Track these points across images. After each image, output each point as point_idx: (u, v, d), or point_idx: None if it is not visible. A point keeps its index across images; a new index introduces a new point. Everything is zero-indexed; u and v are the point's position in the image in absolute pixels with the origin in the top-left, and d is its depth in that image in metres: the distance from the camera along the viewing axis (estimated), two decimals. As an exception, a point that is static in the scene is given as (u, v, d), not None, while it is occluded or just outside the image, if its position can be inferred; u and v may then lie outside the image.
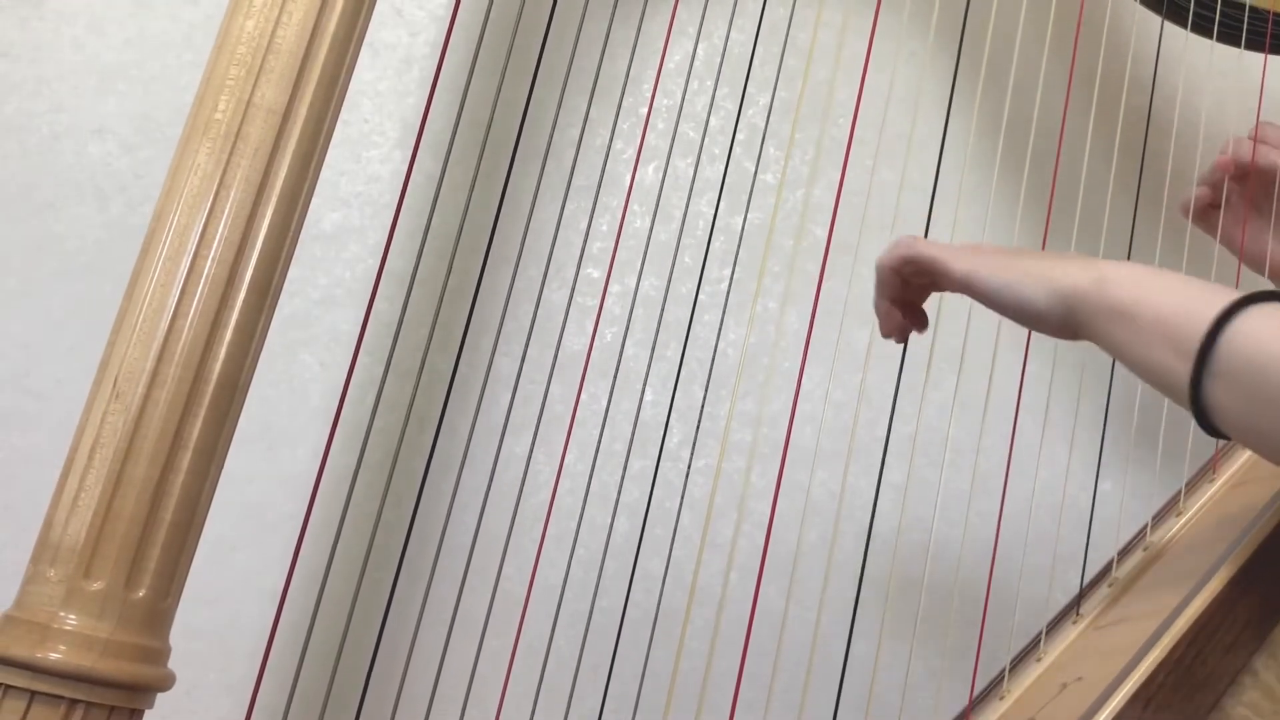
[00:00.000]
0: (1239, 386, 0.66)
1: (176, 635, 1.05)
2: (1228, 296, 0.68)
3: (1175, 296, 0.70)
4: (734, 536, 1.19)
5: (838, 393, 1.24)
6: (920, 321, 0.93)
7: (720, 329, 1.24)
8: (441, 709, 1.01)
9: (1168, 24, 1.15)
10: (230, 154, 0.70)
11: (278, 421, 1.17)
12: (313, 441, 1.16)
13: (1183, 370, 0.68)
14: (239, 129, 0.70)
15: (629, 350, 1.21)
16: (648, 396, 1.21)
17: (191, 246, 0.70)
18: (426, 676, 1.05)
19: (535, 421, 1.16)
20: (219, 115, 0.71)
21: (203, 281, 0.70)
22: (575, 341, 1.20)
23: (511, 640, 1.09)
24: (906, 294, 0.90)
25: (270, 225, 0.72)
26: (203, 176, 0.70)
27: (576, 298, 1.22)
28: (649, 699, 1.11)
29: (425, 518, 1.12)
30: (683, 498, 1.19)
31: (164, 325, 0.70)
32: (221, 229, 0.70)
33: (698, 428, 1.21)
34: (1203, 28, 1.12)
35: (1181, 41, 1.15)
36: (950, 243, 0.85)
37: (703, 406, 1.21)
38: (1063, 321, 0.77)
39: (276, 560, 1.13)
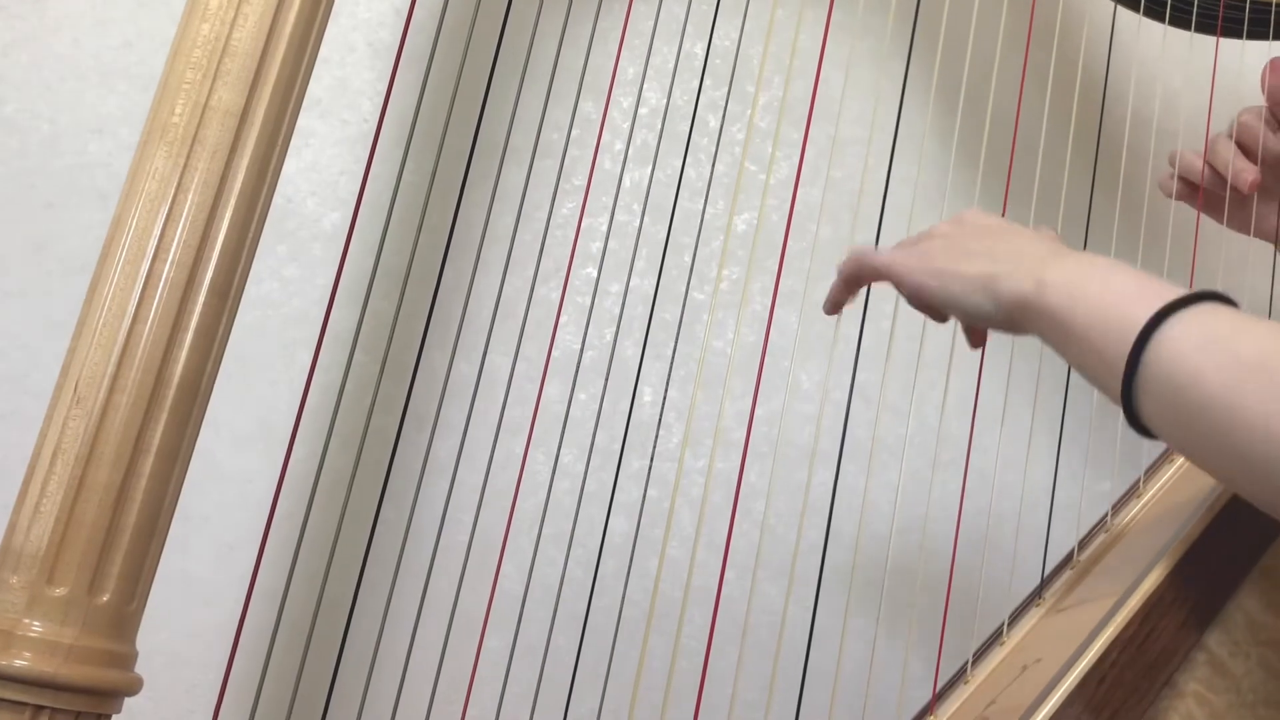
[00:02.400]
0: (1163, 402, 0.64)
1: (175, 635, 1.06)
2: (1156, 302, 0.65)
3: (1106, 306, 0.68)
4: (729, 536, 1.18)
5: (834, 392, 1.23)
6: (976, 338, 0.91)
7: (717, 328, 1.23)
8: (439, 708, 1.01)
9: (1121, 9, 1.15)
10: (187, 157, 0.70)
11: (277, 422, 1.17)
12: (313, 441, 1.16)
13: (1114, 383, 0.66)
14: (196, 132, 0.70)
15: (625, 349, 1.20)
16: (644, 396, 1.20)
17: (150, 250, 0.69)
18: (423, 676, 1.04)
19: (531, 421, 1.15)
20: (175, 119, 0.70)
21: (162, 285, 0.70)
22: (571, 341, 1.20)
23: (509, 640, 1.08)
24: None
25: (229, 227, 0.71)
26: (160, 180, 0.70)
27: (574, 297, 1.21)
28: (647, 698, 1.10)
29: (422, 517, 1.12)
30: (671, 496, 1.18)
31: (124, 329, 0.70)
32: (180, 232, 0.70)
33: (687, 427, 1.20)
34: (1155, 12, 1.12)
35: (1135, 26, 1.14)
36: (908, 240, 0.84)
37: (698, 406, 1.21)
38: (1007, 325, 0.76)
39: (276, 560, 1.13)
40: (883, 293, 0.92)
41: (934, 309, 0.81)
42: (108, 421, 0.69)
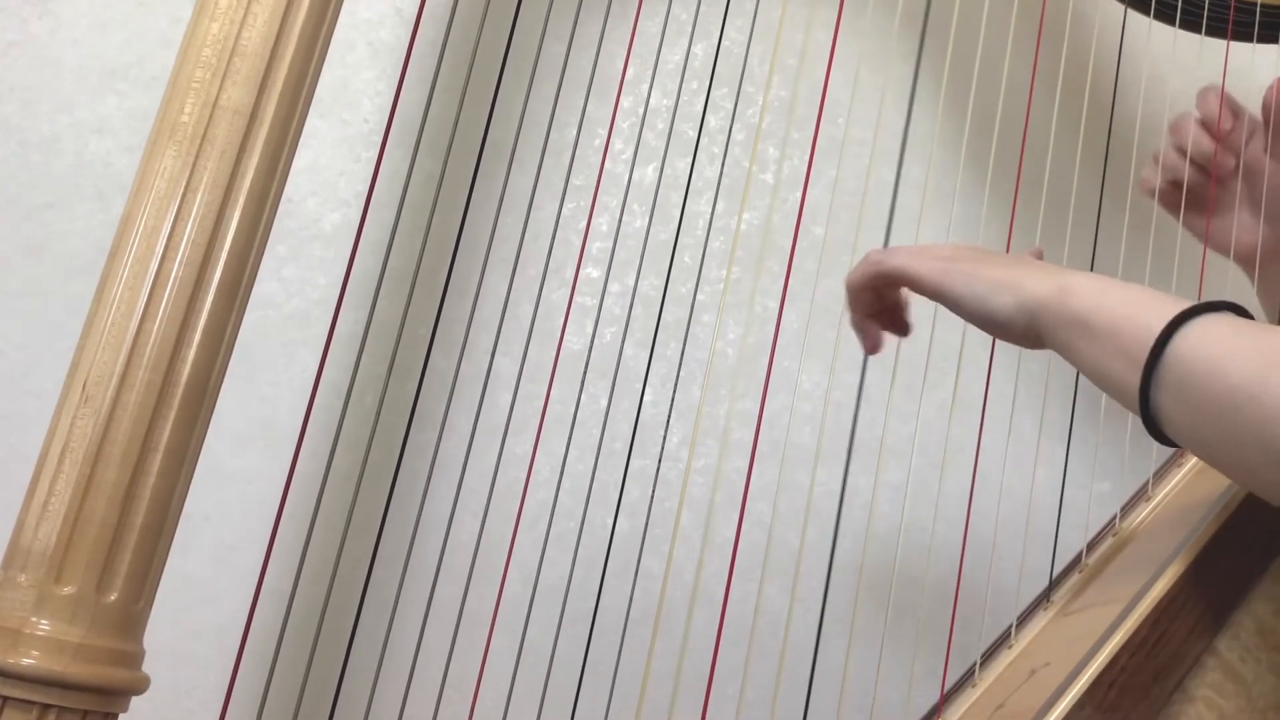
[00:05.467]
0: (1183, 396, 0.65)
1: (176, 635, 1.05)
2: (1177, 308, 0.68)
3: (1130, 307, 0.70)
4: (732, 536, 1.18)
5: (836, 392, 1.23)
6: (902, 327, 0.93)
7: (719, 328, 1.23)
8: (444, 709, 1.01)
9: (1131, 12, 1.15)
10: (196, 156, 0.70)
11: (278, 421, 1.17)
12: (313, 441, 1.16)
13: (1133, 379, 0.68)
14: (205, 131, 0.70)
15: (628, 350, 1.21)
16: (647, 396, 1.20)
17: (159, 249, 0.70)
18: (429, 676, 1.04)
19: (535, 421, 1.16)
20: (185, 118, 0.70)
21: (171, 283, 0.70)
22: (575, 341, 1.20)
23: (514, 640, 1.08)
24: (882, 305, 0.91)
25: (238, 227, 0.71)
26: (169, 179, 0.70)
27: (576, 297, 1.21)
28: (648, 699, 1.10)
29: (427, 518, 1.12)
30: (681, 497, 1.18)
31: (133, 328, 0.70)
32: (189, 231, 0.70)
33: (696, 427, 1.20)
34: (1165, 15, 1.12)
35: (1145, 29, 1.15)
36: (918, 246, 0.85)
37: (701, 406, 1.21)
38: (1026, 330, 0.77)
39: (276, 560, 1.13)
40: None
41: (950, 306, 0.82)
42: (116, 420, 0.69)
